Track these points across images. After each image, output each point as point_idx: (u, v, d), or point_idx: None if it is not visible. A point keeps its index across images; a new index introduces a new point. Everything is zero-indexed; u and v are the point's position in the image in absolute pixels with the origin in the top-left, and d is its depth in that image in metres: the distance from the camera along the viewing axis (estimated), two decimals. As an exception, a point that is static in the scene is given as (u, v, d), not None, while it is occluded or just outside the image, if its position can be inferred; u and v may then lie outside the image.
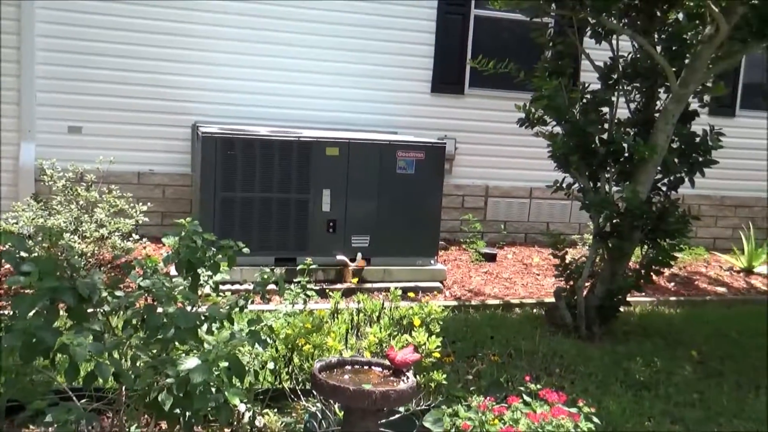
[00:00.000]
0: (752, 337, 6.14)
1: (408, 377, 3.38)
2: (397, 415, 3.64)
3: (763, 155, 9.55)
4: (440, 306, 4.53)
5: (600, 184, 5.76)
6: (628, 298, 6.02)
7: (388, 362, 3.47)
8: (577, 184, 5.87)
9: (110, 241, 6.28)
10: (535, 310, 6.49)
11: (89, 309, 2.89)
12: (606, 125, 5.77)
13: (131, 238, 6.48)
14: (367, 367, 3.52)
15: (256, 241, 6.33)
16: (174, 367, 2.70)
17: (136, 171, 7.75)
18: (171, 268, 3.35)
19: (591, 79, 6.08)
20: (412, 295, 5.11)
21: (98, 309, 2.98)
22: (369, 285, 6.53)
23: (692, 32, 5.61)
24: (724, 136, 5.67)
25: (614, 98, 5.83)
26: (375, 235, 6.81)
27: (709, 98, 5.94)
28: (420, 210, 6.93)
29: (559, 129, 5.78)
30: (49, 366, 2.86)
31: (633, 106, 5.98)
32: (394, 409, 3.57)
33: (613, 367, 5.16)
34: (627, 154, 5.60)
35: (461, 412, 3.53)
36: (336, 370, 3.44)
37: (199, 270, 3.26)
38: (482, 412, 3.46)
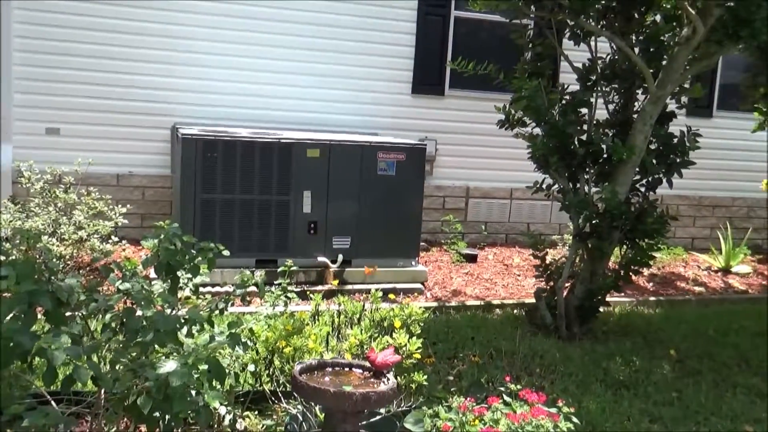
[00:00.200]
0: (729, 335, 6.21)
1: (388, 379, 3.39)
2: (377, 417, 3.64)
3: (740, 155, 9.67)
4: (421, 307, 4.55)
5: (579, 185, 5.80)
6: (608, 298, 6.06)
7: (368, 364, 3.48)
8: (556, 185, 5.90)
9: (89, 244, 6.23)
10: (515, 311, 6.51)
11: (67, 312, 2.87)
12: (585, 126, 5.81)
13: (110, 241, 6.44)
14: (347, 369, 3.52)
15: (236, 243, 6.33)
16: (153, 370, 2.69)
17: (115, 173, 7.69)
18: (150, 271, 3.33)
19: (570, 81, 6.11)
20: (392, 296, 5.11)
21: (76, 312, 2.97)
22: (350, 287, 6.52)
23: (669, 34, 5.68)
24: (702, 136, 5.73)
25: (593, 99, 5.87)
26: (356, 237, 6.81)
27: (686, 99, 6.00)
28: (401, 211, 6.93)
29: (538, 130, 5.80)
30: (26, 370, 2.83)
31: (611, 107, 6.02)
32: (374, 411, 3.58)
33: (592, 367, 5.20)
34: (606, 155, 5.65)
35: (442, 413, 3.55)
36: (317, 372, 3.44)
37: (178, 272, 3.25)
38: (463, 413, 3.49)
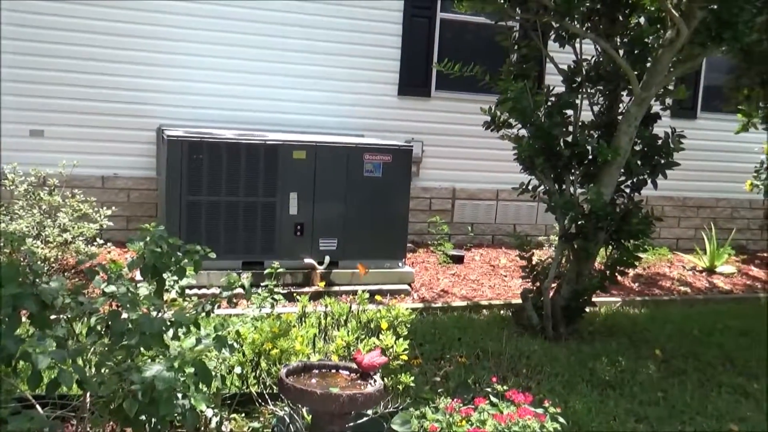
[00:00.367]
0: (714, 335, 6.25)
1: (375, 380, 3.39)
2: (365, 418, 3.64)
3: (723, 156, 9.74)
4: (408, 309, 4.56)
5: (565, 186, 5.82)
6: (594, 299, 6.09)
7: (355, 366, 3.48)
8: (542, 186, 5.92)
9: (74, 246, 6.20)
10: (502, 312, 6.53)
11: (52, 315, 2.85)
12: (570, 128, 5.83)
13: (95, 243, 6.41)
14: (334, 370, 3.52)
15: (223, 245, 6.32)
16: (139, 373, 2.68)
17: (100, 175, 7.66)
18: (136, 273, 3.32)
19: (555, 82, 6.13)
20: (379, 298, 5.12)
21: (61, 315, 2.95)
22: (337, 288, 6.52)
23: (653, 36, 5.71)
24: (686, 138, 5.77)
25: (578, 101, 5.89)
26: (343, 238, 6.81)
27: (670, 101, 6.04)
28: (387, 213, 6.94)
29: (524, 132, 5.82)
30: (11, 374, 2.81)
31: (596, 108, 6.05)
32: (361, 412, 3.57)
33: (579, 367, 5.22)
34: (591, 157, 5.67)
35: (429, 414, 3.56)
36: (303, 374, 3.44)
37: (164, 275, 3.23)
38: (450, 414, 3.49)
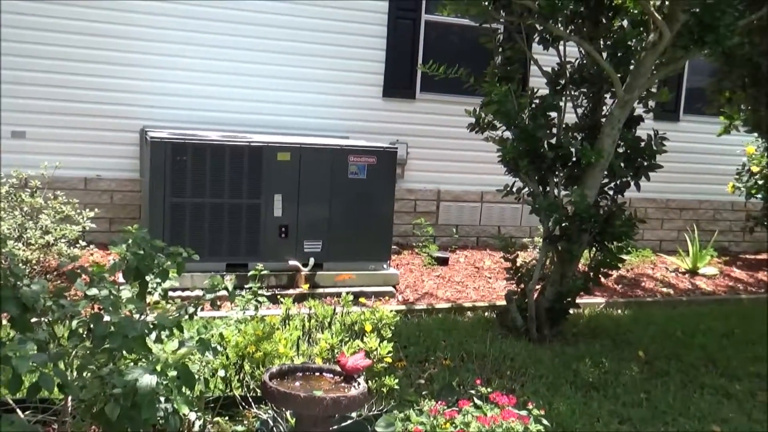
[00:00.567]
0: (697, 336, 6.28)
1: (359, 383, 3.38)
2: (349, 421, 3.63)
3: (706, 159, 9.82)
4: (392, 311, 4.55)
5: (549, 188, 5.84)
6: (578, 300, 6.11)
7: (339, 368, 3.48)
8: (527, 188, 5.93)
9: (56, 248, 6.15)
10: (486, 314, 6.54)
11: (33, 318, 2.83)
12: (554, 130, 5.85)
13: (78, 245, 6.37)
14: (318, 373, 3.52)
15: (207, 247, 6.29)
16: (121, 376, 2.66)
17: (83, 176, 7.60)
18: (119, 276, 3.30)
19: (540, 85, 6.15)
20: (364, 300, 5.11)
21: (43, 318, 2.93)
22: (322, 290, 6.51)
23: (636, 39, 5.74)
24: (668, 140, 5.81)
25: (562, 103, 5.91)
26: (327, 240, 6.79)
27: (653, 103, 6.08)
28: (372, 215, 6.93)
29: (508, 134, 5.84)
30: (-9, 378, 2.79)
31: (580, 111, 6.08)
32: (345, 415, 3.57)
33: (562, 369, 5.23)
34: (575, 159, 5.70)
35: (413, 417, 3.56)
36: (287, 378, 3.44)
37: (147, 277, 3.21)
38: (434, 416, 3.49)
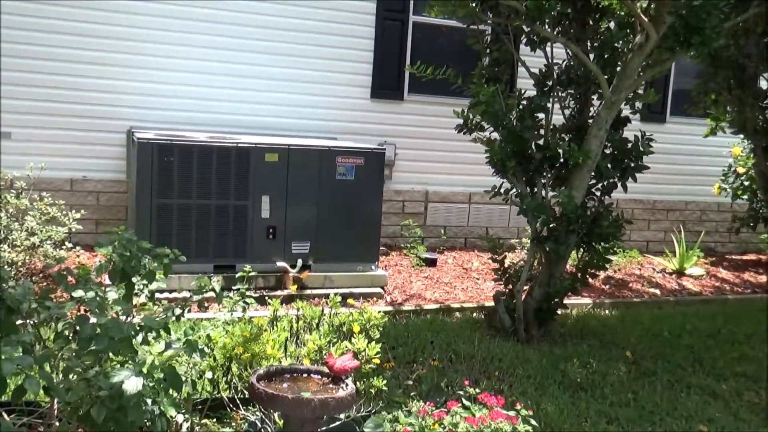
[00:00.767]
0: (683, 337, 6.32)
1: (347, 384, 3.38)
2: (337, 422, 3.63)
3: (692, 160, 9.87)
4: (380, 312, 4.55)
5: (537, 189, 5.86)
6: (566, 301, 6.13)
7: (327, 370, 3.47)
8: (514, 190, 5.94)
9: (42, 250, 6.11)
10: (475, 314, 6.55)
11: (19, 320, 2.81)
12: (542, 131, 5.87)
13: (64, 247, 6.32)
14: (306, 375, 3.51)
15: (194, 249, 6.27)
16: (107, 379, 2.64)
17: (69, 177, 7.55)
18: (105, 278, 3.28)
19: (527, 86, 6.17)
20: (352, 301, 5.11)
21: (28, 320, 2.90)
22: (310, 291, 6.50)
23: (623, 41, 5.77)
24: (655, 141, 5.84)
25: (549, 105, 5.92)
26: (315, 242, 6.78)
27: (640, 105, 6.10)
28: (360, 216, 6.92)
29: (496, 135, 5.85)
30: (-25, 381, 2.76)
31: (568, 112, 6.10)
32: (334, 417, 3.56)
33: (550, 369, 5.25)
34: (562, 160, 5.72)
35: (401, 418, 3.56)
36: (275, 379, 3.42)
37: (133, 279, 3.20)
38: (422, 417, 3.49)
